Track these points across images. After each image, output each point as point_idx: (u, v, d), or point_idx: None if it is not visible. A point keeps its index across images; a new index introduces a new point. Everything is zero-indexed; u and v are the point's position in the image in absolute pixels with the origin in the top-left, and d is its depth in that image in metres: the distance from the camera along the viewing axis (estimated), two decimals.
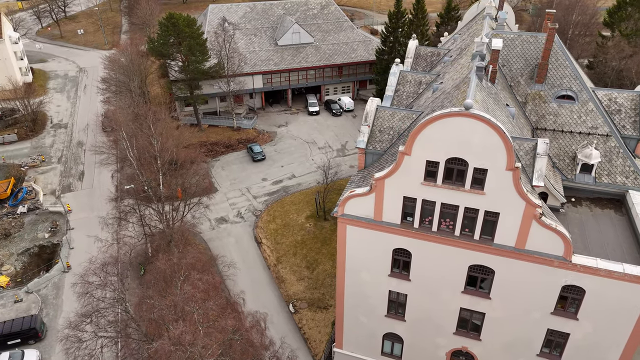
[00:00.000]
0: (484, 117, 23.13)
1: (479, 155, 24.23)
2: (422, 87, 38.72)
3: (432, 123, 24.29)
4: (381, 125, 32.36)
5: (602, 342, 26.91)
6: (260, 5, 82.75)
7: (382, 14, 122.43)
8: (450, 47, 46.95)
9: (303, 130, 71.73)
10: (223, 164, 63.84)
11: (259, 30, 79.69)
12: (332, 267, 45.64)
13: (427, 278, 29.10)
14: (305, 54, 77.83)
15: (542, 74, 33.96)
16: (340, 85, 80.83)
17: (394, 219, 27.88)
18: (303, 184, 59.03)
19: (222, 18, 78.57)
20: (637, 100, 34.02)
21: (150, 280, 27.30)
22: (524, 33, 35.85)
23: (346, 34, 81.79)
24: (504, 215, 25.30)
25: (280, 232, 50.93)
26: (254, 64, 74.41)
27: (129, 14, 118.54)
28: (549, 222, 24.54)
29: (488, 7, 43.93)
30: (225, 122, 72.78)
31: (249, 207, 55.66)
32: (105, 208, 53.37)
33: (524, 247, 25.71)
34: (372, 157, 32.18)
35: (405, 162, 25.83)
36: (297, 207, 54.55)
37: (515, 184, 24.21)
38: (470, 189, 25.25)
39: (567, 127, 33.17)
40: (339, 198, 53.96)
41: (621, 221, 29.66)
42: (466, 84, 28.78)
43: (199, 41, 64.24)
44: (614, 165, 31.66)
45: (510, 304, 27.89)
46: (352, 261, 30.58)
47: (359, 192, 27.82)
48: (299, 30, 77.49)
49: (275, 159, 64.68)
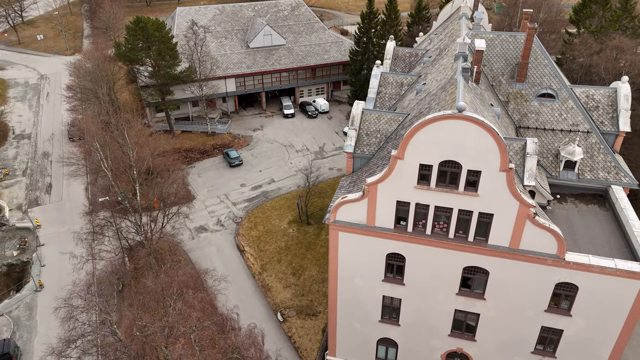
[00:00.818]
0: (477, 119, 23.04)
1: (473, 158, 24.14)
2: (404, 89, 38.62)
3: (425, 126, 24.04)
4: (368, 129, 32.00)
5: (595, 336, 27.34)
6: (229, 8, 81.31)
7: (351, 14, 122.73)
8: (427, 47, 47.13)
9: (279, 133, 70.83)
10: (199, 171, 62.27)
11: (230, 32, 78.26)
12: (319, 272, 45.08)
13: (422, 281, 28.91)
14: (278, 56, 76.92)
15: (522, 73, 34.35)
16: (314, 87, 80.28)
17: (387, 223, 27.54)
18: (283, 189, 58.18)
19: (191, 21, 76.82)
20: (614, 97, 34.85)
21: (139, 300, 25.99)
22: (503, 33, 36.21)
23: (318, 35, 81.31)
24: (498, 216, 25.33)
25: (263, 238, 49.97)
26: (226, 67, 73.00)
27: (90, 18, 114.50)
28: (543, 222, 24.70)
29: (463, 7, 44.32)
30: (198, 128, 71.11)
31: (228, 214, 54.43)
32: (77, 222, 51.12)
33: (518, 247, 25.82)
34: (360, 161, 31.79)
35: (398, 166, 25.52)
36: (278, 213, 53.68)
37: (509, 185, 24.24)
38: (464, 191, 25.16)
39: (548, 125, 33.65)
40: (322, 202, 54.06)
41: (606, 216, 30.26)
42: (453, 85, 28.71)
43: (169, 45, 62.46)
44: (596, 161, 32.30)
45: (505, 303, 28.00)
46: (344, 268, 30.08)
47: (351, 198, 27.34)
48: (271, 32, 76.53)
49: (253, 163, 63.58)
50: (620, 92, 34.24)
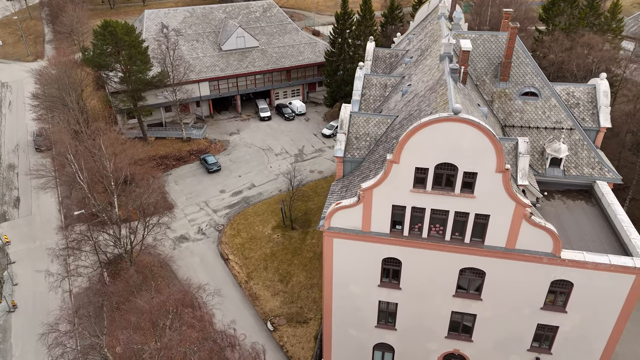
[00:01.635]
0: (473, 121, 22.90)
1: (469, 159, 24.01)
2: (388, 90, 38.39)
3: (421, 129, 23.76)
4: (357, 132, 31.56)
5: (590, 331, 27.71)
6: (199, 10, 79.66)
7: (321, 14, 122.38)
8: (407, 47, 47.10)
9: (257, 136, 69.74)
10: (176, 178, 60.59)
11: (201, 35, 76.61)
12: (307, 278, 44.41)
13: (418, 285, 28.67)
14: (252, 58, 75.77)
15: (505, 72, 34.61)
16: (289, 89, 79.48)
17: (383, 228, 27.17)
18: (264, 193, 57.21)
19: (161, 24, 74.83)
20: (593, 93, 35.54)
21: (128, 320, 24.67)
22: (485, 32, 36.42)
23: (291, 36, 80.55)
24: (494, 216, 25.31)
25: (247, 246, 48.92)
26: (199, 71, 71.39)
27: (52, 22, 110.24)
28: (539, 221, 24.80)
29: (441, 7, 44.46)
30: (173, 133, 69.23)
31: (209, 222, 53.09)
32: (50, 236, 48.85)
33: (514, 246, 25.88)
34: (351, 165, 31.31)
35: (394, 170, 25.16)
36: (261, 218, 52.71)
37: (505, 186, 24.22)
38: (461, 193, 25.01)
39: (533, 123, 34.01)
40: (305, 206, 53.31)
41: (593, 211, 30.77)
42: (443, 86, 28.58)
43: (140, 50, 60.50)
44: (580, 157, 32.83)
45: (501, 303, 28.06)
46: (339, 275, 29.55)
47: (345, 204, 26.81)
48: (244, 34, 75.32)
49: (232, 168, 62.32)
50: (599, 88, 34.94)
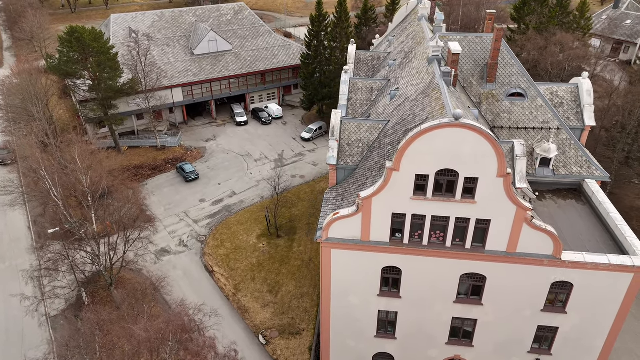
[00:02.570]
0: (475, 127, 22.55)
1: (470, 165, 23.67)
2: (375, 94, 37.91)
3: (421, 136, 23.25)
4: (349, 139, 30.87)
5: (589, 330, 27.89)
6: (168, 13, 77.41)
7: (291, 16, 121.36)
8: (388, 49, 46.80)
9: (234, 142, 68.18)
10: (152, 189, 58.42)
11: (171, 39, 74.44)
12: (296, 287, 43.45)
13: (418, 293, 28.22)
14: (225, 62, 74.13)
15: (492, 73, 34.63)
16: (265, 93, 78.17)
17: (383, 237, 26.57)
18: (246, 201, 55.84)
19: (129, 28, 72.40)
20: (576, 92, 36.04)
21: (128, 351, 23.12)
22: (470, 34, 36.35)
23: (264, 39, 79.28)
24: (495, 221, 25.08)
25: (232, 256, 47.53)
26: (172, 77, 69.29)
27: (10, 28, 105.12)
28: (539, 224, 24.71)
29: (422, 8, 44.35)
30: (147, 142, 66.90)
31: (191, 233, 51.36)
32: (21, 257, 46.13)
33: (515, 250, 25.73)
34: (344, 172, 30.59)
35: (394, 178, 24.57)
36: (245, 227, 51.36)
37: (506, 190, 24.00)
38: (462, 199, 24.66)
39: (521, 124, 34.13)
40: (290, 212, 52.21)
41: (585, 210, 31.04)
42: (436, 90, 28.22)
43: (109, 56, 58.07)
44: (568, 156, 33.14)
45: (502, 307, 27.92)
46: (338, 286, 28.80)
47: (344, 214, 26.06)
48: (216, 37, 73.58)
49: (210, 176, 60.62)
50: (582, 87, 35.45)
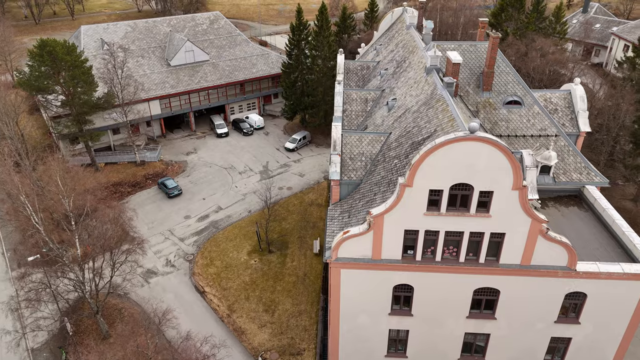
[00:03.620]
0: (491, 139, 21.97)
1: (485, 178, 23.08)
2: (370, 105, 37.17)
3: (436, 151, 22.50)
4: (351, 153, 29.95)
5: (602, 338, 27.69)
6: (142, 24, 75.07)
7: (265, 24, 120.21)
8: (376, 58, 46.28)
9: (216, 155, 66.32)
10: (134, 206, 55.96)
11: (146, 50, 72.13)
12: (293, 305, 42.07)
13: (431, 309, 27.43)
14: (203, 72, 72.30)
15: (488, 82, 34.41)
16: (245, 103, 76.60)
17: (395, 254, 25.67)
18: (233, 216, 54.12)
19: (100, 40, 69.81)
20: (569, 99, 36.23)
21: None
22: (463, 42, 36.11)
23: (242, 48, 77.83)
24: (510, 234, 24.55)
25: (224, 275, 45.78)
26: (148, 89, 66.97)
27: None
28: (554, 236, 24.31)
29: (410, 17, 44.03)
30: (125, 157, 64.29)
31: (177, 252, 49.30)
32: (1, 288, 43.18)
33: (530, 263, 25.27)
34: (347, 187, 29.60)
35: (406, 194, 23.73)
36: (234, 243, 49.67)
37: (522, 203, 23.51)
38: (476, 213, 24.03)
39: (519, 132, 33.98)
40: (280, 226, 50.68)
41: (587, 217, 30.99)
42: (440, 101, 27.64)
43: (83, 70, 55.54)
44: (567, 163, 33.14)
45: (516, 320, 27.42)
46: (347, 306, 27.71)
47: (354, 232, 25.06)
48: (192, 48, 71.72)
49: (194, 191, 58.61)
50: (575, 94, 35.65)
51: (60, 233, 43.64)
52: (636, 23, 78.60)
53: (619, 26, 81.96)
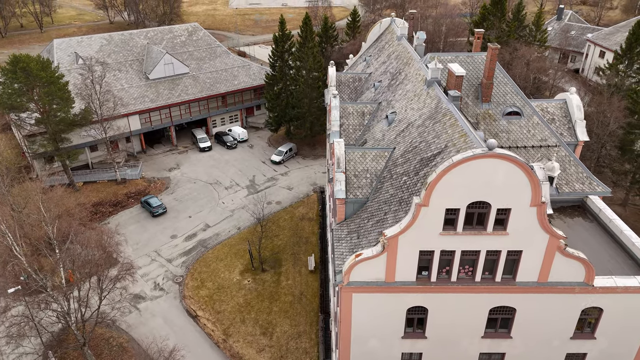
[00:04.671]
0: (510, 156, 21.26)
1: (503, 195, 22.34)
2: (367, 118, 36.28)
3: (453, 169, 21.65)
4: (355, 169, 28.90)
5: (617, 353, 27.23)
6: (117, 36, 72.73)
7: (242, 34, 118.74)
8: (367, 70, 45.56)
9: (200, 170, 64.34)
10: (116, 227, 53.33)
11: (123, 64, 69.80)
12: (291, 326, 40.56)
13: (445, 331, 26.48)
14: (184, 85, 70.37)
15: (487, 93, 33.96)
16: (227, 115, 74.89)
17: (409, 276, 24.66)
18: (222, 234, 52.28)
19: (74, 54, 67.20)
20: (565, 108, 36.17)
21: None
22: (460, 54, 35.68)
23: (222, 60, 76.24)
24: (527, 251, 23.86)
25: (216, 297, 43.92)
26: (127, 103, 64.62)
27: None
28: (572, 252, 23.75)
29: (401, 28, 43.54)
30: (104, 176, 61.64)
31: (165, 274, 47.19)
32: None
33: (547, 280, 24.63)
34: (353, 206, 28.50)
35: (422, 214, 22.78)
36: (225, 263, 47.87)
37: (540, 220, 22.86)
38: (493, 231, 23.26)
39: (520, 143, 33.59)
40: (272, 243, 48.99)
41: (593, 227, 30.69)
42: (447, 115, 26.94)
43: (59, 86, 53.03)
44: (569, 173, 32.89)
45: (531, 338, 26.73)
46: (358, 331, 26.50)
47: (368, 255, 23.93)
48: (172, 60, 69.79)
49: (179, 209, 56.51)
50: (572, 103, 35.59)
51: (40, 259, 41.17)
52: (610, 30, 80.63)
53: (593, 33, 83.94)
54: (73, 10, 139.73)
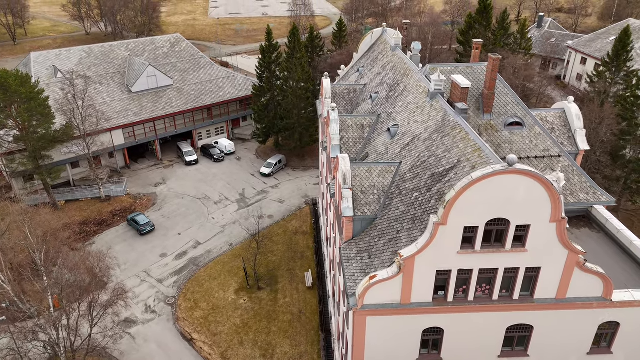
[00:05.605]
0: (531, 172, 20.64)
1: (522, 212, 21.68)
2: (366, 131, 35.46)
3: (473, 186, 20.90)
4: (362, 186, 27.95)
5: None
6: (97, 49, 70.67)
7: (223, 44, 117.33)
8: (361, 81, 44.87)
9: (187, 184, 62.56)
10: (102, 247, 51.10)
11: (104, 77, 67.73)
12: (292, 346, 39.20)
13: (461, 351, 25.61)
14: (168, 98, 68.63)
15: (489, 104, 33.52)
16: (213, 127, 73.27)
17: (425, 297, 23.75)
18: (214, 251, 50.64)
19: (53, 67, 64.86)
20: (564, 117, 36.01)
21: None
22: (459, 65, 35.24)
23: (206, 71, 74.77)
24: (546, 268, 23.24)
25: (212, 318, 42.27)
26: (110, 118, 62.46)
27: None
28: (591, 267, 23.23)
29: (395, 38, 43.05)
30: (87, 193, 59.35)
31: (157, 295, 45.32)
32: None
33: (565, 296, 24.04)
34: (361, 223, 27.50)
35: (440, 233, 21.94)
36: (219, 282, 46.25)
37: (560, 235, 22.27)
38: (512, 248, 22.56)
39: (523, 153, 33.18)
40: (266, 260, 47.53)
41: (601, 238, 30.37)
42: (457, 129, 26.32)
43: (40, 102, 50.82)
44: (573, 183, 32.60)
45: (549, 355, 26.08)
46: (371, 353, 25.42)
47: (383, 277, 22.93)
48: (155, 72, 68.04)
49: (168, 226, 54.64)
50: (571, 112, 35.44)
51: (23, 284, 38.99)
52: (590, 37, 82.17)
53: (573, 40, 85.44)
54: (47, 21, 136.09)
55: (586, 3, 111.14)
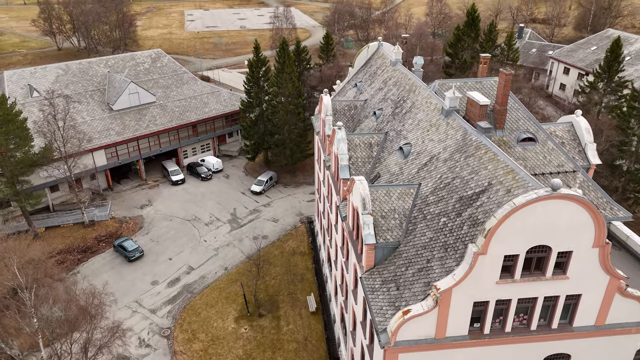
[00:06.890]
0: (577, 197, 19.50)
1: (565, 238, 20.50)
2: (375, 149, 34.05)
3: (515, 212, 19.60)
4: (381, 210, 26.42)
5: None
6: (75, 65, 67.65)
7: (203, 58, 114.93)
8: (360, 97, 43.60)
9: (175, 205, 59.86)
10: (88, 276, 48.18)
11: (83, 95, 64.72)
12: None
13: None
14: (151, 115, 65.98)
15: (501, 119, 32.57)
16: (198, 145, 70.81)
17: (461, 330, 22.26)
18: (208, 276, 48.14)
19: (28, 86, 61.57)
20: (573, 131, 35.45)
21: None
22: (468, 80, 34.30)
23: (190, 86, 72.48)
24: (586, 295, 22.10)
25: (212, 350, 39.79)
26: (91, 138, 59.39)
27: None
28: (633, 292, 22.21)
29: (395, 52, 42.04)
30: (69, 219, 55.98)
31: (150, 327, 42.55)
32: None
33: (604, 323, 22.94)
34: (382, 251, 25.91)
35: (479, 263, 20.54)
36: (216, 310, 43.80)
37: (602, 261, 21.17)
38: (552, 276, 21.34)
39: (538, 170, 32.28)
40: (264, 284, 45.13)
41: (623, 255, 29.61)
42: (482, 149, 25.18)
43: (18, 124, 47.71)
44: (589, 199, 31.83)
45: None
46: None
47: (418, 312, 21.33)
48: (137, 89, 65.41)
49: (157, 251, 51.84)
50: (580, 126, 34.91)
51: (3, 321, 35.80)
52: (571, 47, 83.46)
53: (554, 50, 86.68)
54: (16, 37, 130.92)
55: (561, 14, 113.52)
